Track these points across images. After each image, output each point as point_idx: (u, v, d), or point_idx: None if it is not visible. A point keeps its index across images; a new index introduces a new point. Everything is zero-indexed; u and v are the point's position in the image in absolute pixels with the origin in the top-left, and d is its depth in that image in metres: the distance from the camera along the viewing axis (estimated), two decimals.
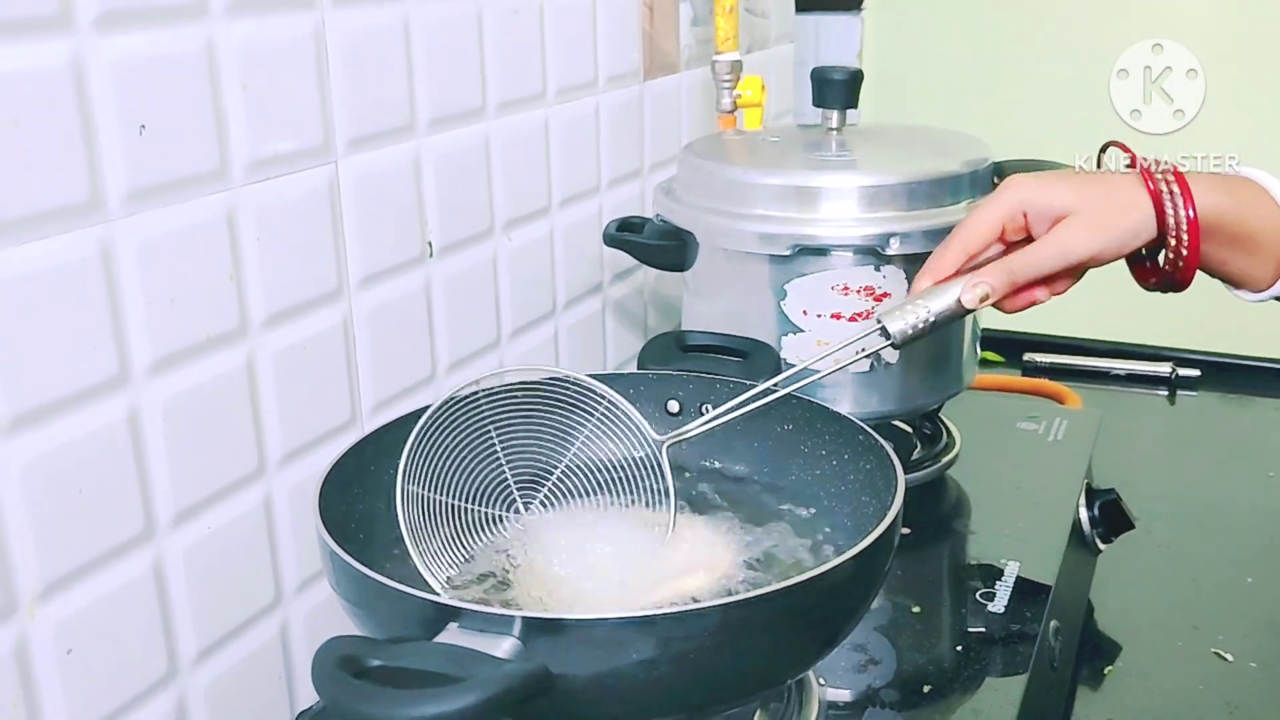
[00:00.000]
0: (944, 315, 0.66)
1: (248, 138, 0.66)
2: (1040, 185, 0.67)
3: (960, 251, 0.68)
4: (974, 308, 0.66)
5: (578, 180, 1.00)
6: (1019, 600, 0.77)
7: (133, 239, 0.60)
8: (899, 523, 0.58)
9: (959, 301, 0.66)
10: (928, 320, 0.66)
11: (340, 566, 0.55)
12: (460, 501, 0.65)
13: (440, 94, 0.82)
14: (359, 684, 0.45)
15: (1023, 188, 0.67)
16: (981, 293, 0.66)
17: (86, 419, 0.59)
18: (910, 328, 0.66)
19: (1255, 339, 1.32)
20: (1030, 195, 0.67)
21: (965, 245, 0.68)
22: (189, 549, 0.66)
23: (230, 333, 0.67)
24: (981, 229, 0.68)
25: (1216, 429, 1.22)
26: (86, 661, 0.60)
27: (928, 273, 0.68)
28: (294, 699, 0.75)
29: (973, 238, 0.68)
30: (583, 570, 0.62)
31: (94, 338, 0.59)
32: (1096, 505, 0.92)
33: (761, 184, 0.86)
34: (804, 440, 0.72)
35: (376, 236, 0.77)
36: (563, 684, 0.49)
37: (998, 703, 0.68)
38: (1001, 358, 1.32)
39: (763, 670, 0.55)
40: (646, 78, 1.09)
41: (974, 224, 0.68)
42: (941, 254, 0.68)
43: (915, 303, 0.66)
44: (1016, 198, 0.67)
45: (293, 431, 0.72)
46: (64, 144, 0.56)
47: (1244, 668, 0.82)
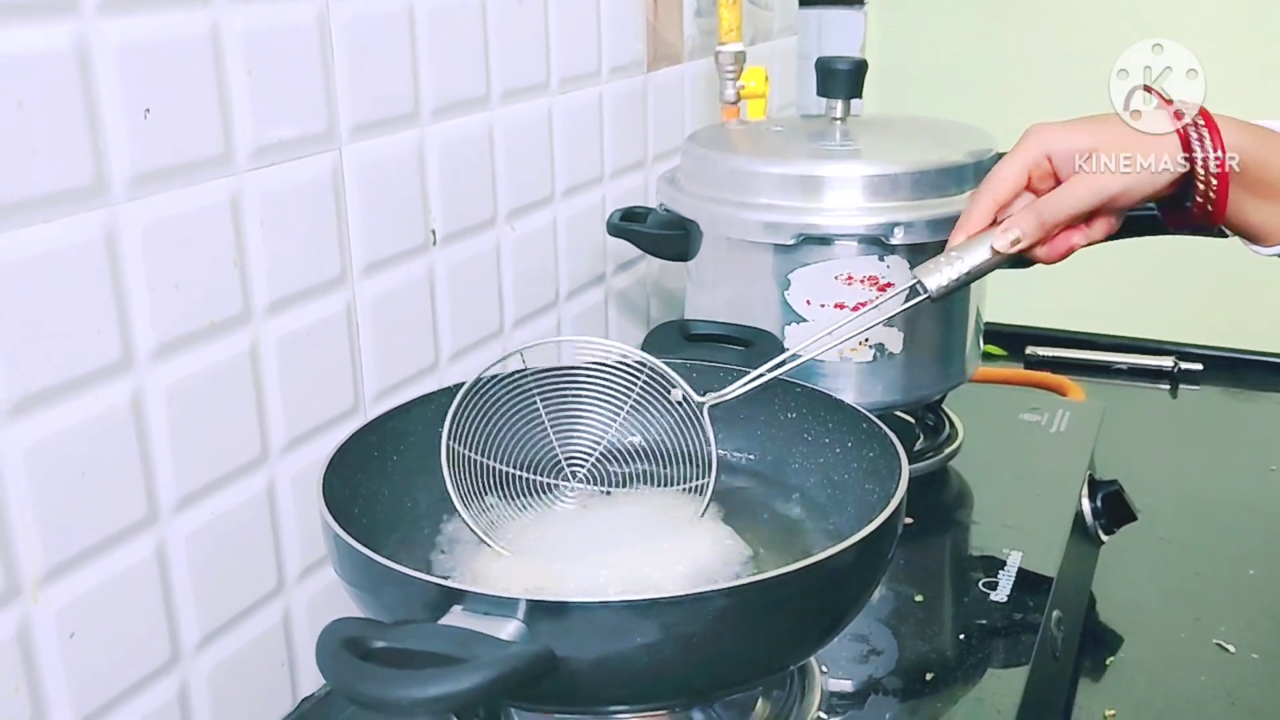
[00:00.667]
0: (979, 266, 0.67)
1: (252, 123, 0.66)
2: (1062, 129, 0.68)
3: (991, 202, 0.68)
4: (1007, 252, 0.67)
5: (581, 170, 1.00)
6: (1021, 590, 0.77)
7: (137, 223, 0.60)
8: (903, 509, 0.58)
9: (992, 249, 0.67)
10: (964, 273, 0.67)
11: (344, 550, 0.55)
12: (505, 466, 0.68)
13: (444, 82, 0.82)
14: (363, 665, 0.45)
15: (1044, 133, 0.68)
16: (1012, 236, 0.66)
17: (90, 403, 0.59)
18: (948, 280, 0.67)
19: (1258, 333, 1.32)
20: (1052, 139, 0.67)
21: (995, 196, 0.68)
22: (192, 534, 0.66)
23: (234, 318, 0.67)
24: (1008, 178, 0.68)
25: (1219, 423, 1.22)
26: (89, 646, 0.60)
27: (961, 228, 0.69)
28: (296, 685, 0.75)
29: (1001, 187, 0.68)
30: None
31: (98, 322, 0.59)
32: (1099, 496, 0.92)
33: (765, 173, 0.86)
34: (807, 428, 0.72)
35: (380, 224, 0.77)
36: (566, 666, 0.49)
37: (1000, 691, 0.68)
38: (1004, 351, 1.32)
39: (765, 655, 0.55)
40: (650, 68, 1.09)
41: (1000, 174, 0.68)
42: (972, 208, 0.69)
43: (951, 256, 0.67)
44: (1038, 144, 0.68)
45: (296, 418, 0.72)
46: (68, 127, 0.56)
47: (1245, 659, 0.82)
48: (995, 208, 0.68)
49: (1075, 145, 0.67)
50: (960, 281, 0.67)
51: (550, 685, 0.49)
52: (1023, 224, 0.67)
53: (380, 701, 0.44)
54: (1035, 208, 0.67)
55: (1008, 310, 1.24)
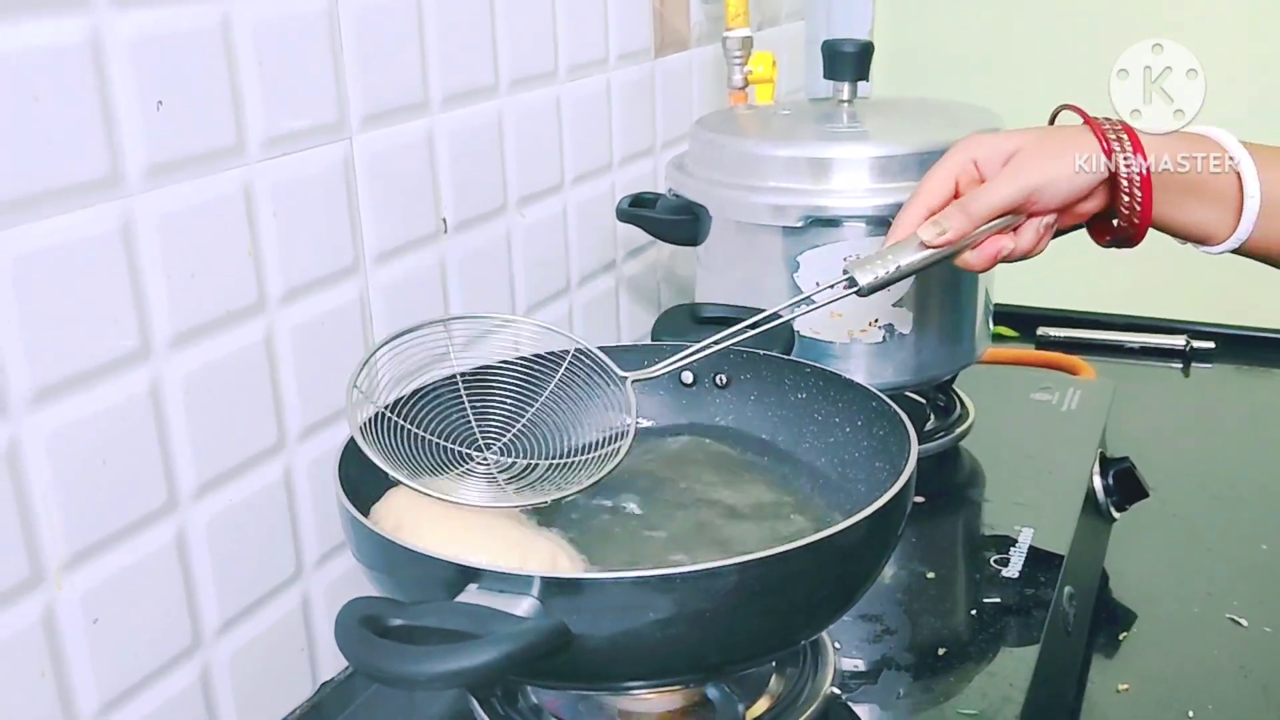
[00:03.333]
0: (910, 264, 0.70)
1: (263, 114, 0.67)
2: (989, 136, 0.72)
3: (922, 208, 0.71)
4: (934, 244, 0.69)
5: (590, 157, 1.01)
6: (1033, 566, 0.78)
7: (152, 214, 0.61)
8: (912, 484, 0.58)
9: (921, 243, 0.69)
10: (892, 269, 0.69)
11: (361, 532, 0.56)
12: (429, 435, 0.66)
13: (453, 71, 0.82)
14: (380, 641, 0.46)
15: (971, 141, 0.72)
16: (938, 230, 0.69)
17: (109, 392, 0.60)
18: (877, 279, 0.69)
19: (1271, 311, 1.32)
20: (978, 145, 0.71)
21: (925, 201, 0.71)
22: (211, 521, 0.67)
23: (249, 307, 0.68)
24: (936, 183, 0.71)
25: (1231, 400, 1.22)
26: (112, 631, 0.61)
27: (892, 233, 0.71)
28: (316, 670, 0.76)
29: (930, 193, 0.71)
30: None
31: (115, 312, 0.60)
32: (1110, 474, 0.92)
33: (773, 156, 0.86)
34: (818, 408, 0.72)
35: (391, 213, 0.78)
36: (581, 643, 0.50)
37: (1012, 666, 0.69)
38: (1016, 333, 1.32)
39: (778, 630, 0.55)
40: (658, 55, 1.09)
41: (928, 181, 0.72)
42: (903, 213, 0.72)
43: (884, 256, 0.70)
44: (965, 150, 0.71)
45: (312, 405, 0.73)
46: (83, 120, 0.57)
47: (1258, 633, 0.82)
48: (926, 213, 0.71)
49: (1001, 147, 0.70)
50: (889, 278, 0.69)
51: (565, 661, 0.50)
52: (949, 218, 0.69)
53: (397, 677, 0.45)
54: (961, 202, 0.70)
55: (1019, 292, 1.24)
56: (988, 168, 0.70)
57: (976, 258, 0.71)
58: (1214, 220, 0.70)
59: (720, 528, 0.65)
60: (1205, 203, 0.69)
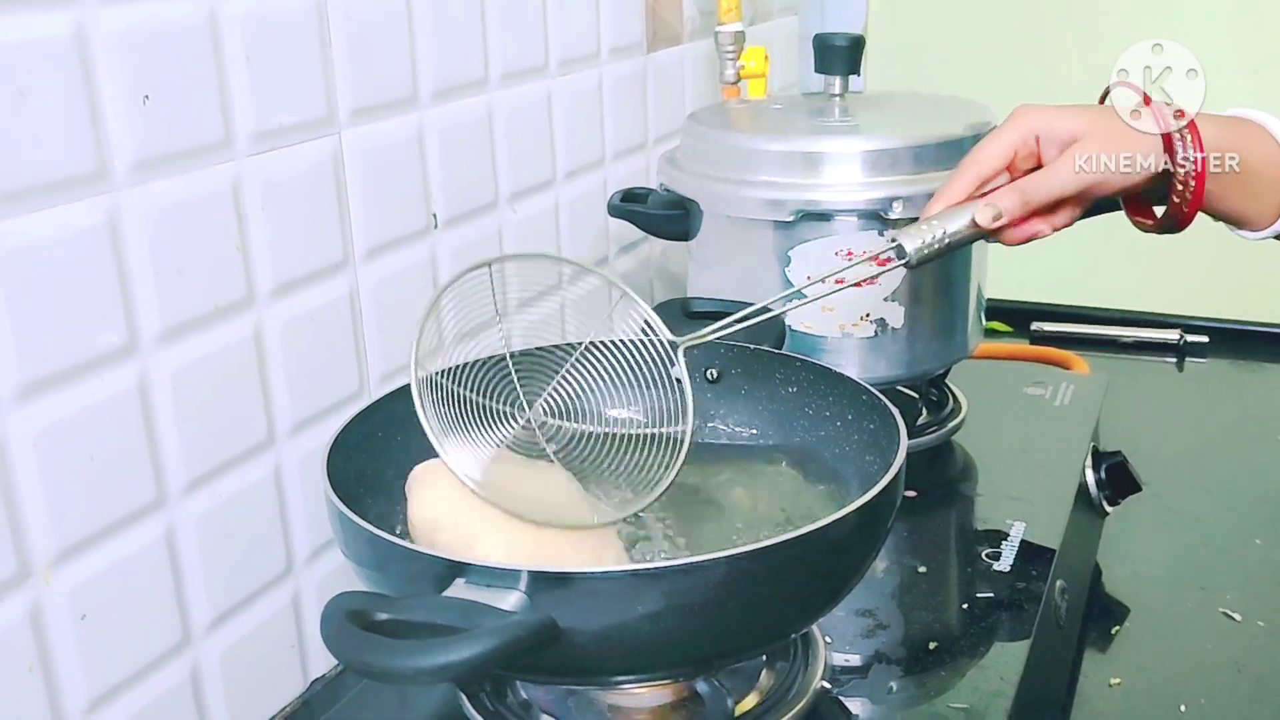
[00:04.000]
0: (958, 236, 0.67)
1: (252, 109, 0.67)
2: (1051, 112, 0.69)
3: (974, 176, 0.69)
4: (988, 228, 0.67)
5: (582, 153, 1.01)
6: (1025, 560, 0.77)
7: (139, 209, 0.61)
8: (902, 476, 0.58)
9: (973, 221, 0.67)
10: (943, 240, 0.67)
11: (349, 528, 0.56)
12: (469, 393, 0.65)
13: (442, 66, 0.82)
14: (367, 635, 0.46)
15: (1034, 114, 0.69)
16: (994, 212, 0.67)
17: (97, 387, 0.59)
18: (926, 246, 0.67)
19: (1265, 305, 1.32)
20: (1041, 121, 0.68)
21: (979, 170, 0.69)
22: (200, 517, 0.67)
23: (237, 303, 0.67)
24: (995, 153, 0.69)
25: (1225, 394, 1.22)
26: (101, 627, 0.61)
27: (940, 197, 0.69)
28: (307, 667, 0.76)
29: (986, 162, 0.69)
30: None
31: (103, 307, 0.59)
32: (1103, 468, 0.92)
33: (765, 150, 0.86)
34: (808, 402, 0.72)
35: (381, 208, 0.78)
36: (569, 637, 0.49)
37: (1004, 660, 0.68)
38: (1009, 328, 1.32)
39: (768, 623, 0.55)
40: (650, 49, 1.09)
41: (987, 149, 0.69)
42: (954, 179, 0.69)
43: (931, 223, 0.67)
44: (1028, 123, 0.68)
45: (301, 402, 0.73)
46: (69, 114, 0.57)
47: (1252, 627, 0.82)
48: (978, 181, 0.69)
49: (1064, 129, 0.68)
50: (938, 249, 0.67)
51: (553, 655, 0.50)
52: (1007, 200, 0.67)
53: (383, 671, 0.45)
54: (1020, 186, 0.68)
55: (1013, 287, 1.24)
56: (1047, 149, 0.68)
57: (1011, 235, 0.69)
58: (1258, 208, 0.69)
59: (710, 521, 0.65)
60: (1252, 191, 0.68)
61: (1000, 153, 0.68)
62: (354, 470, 0.64)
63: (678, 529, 0.67)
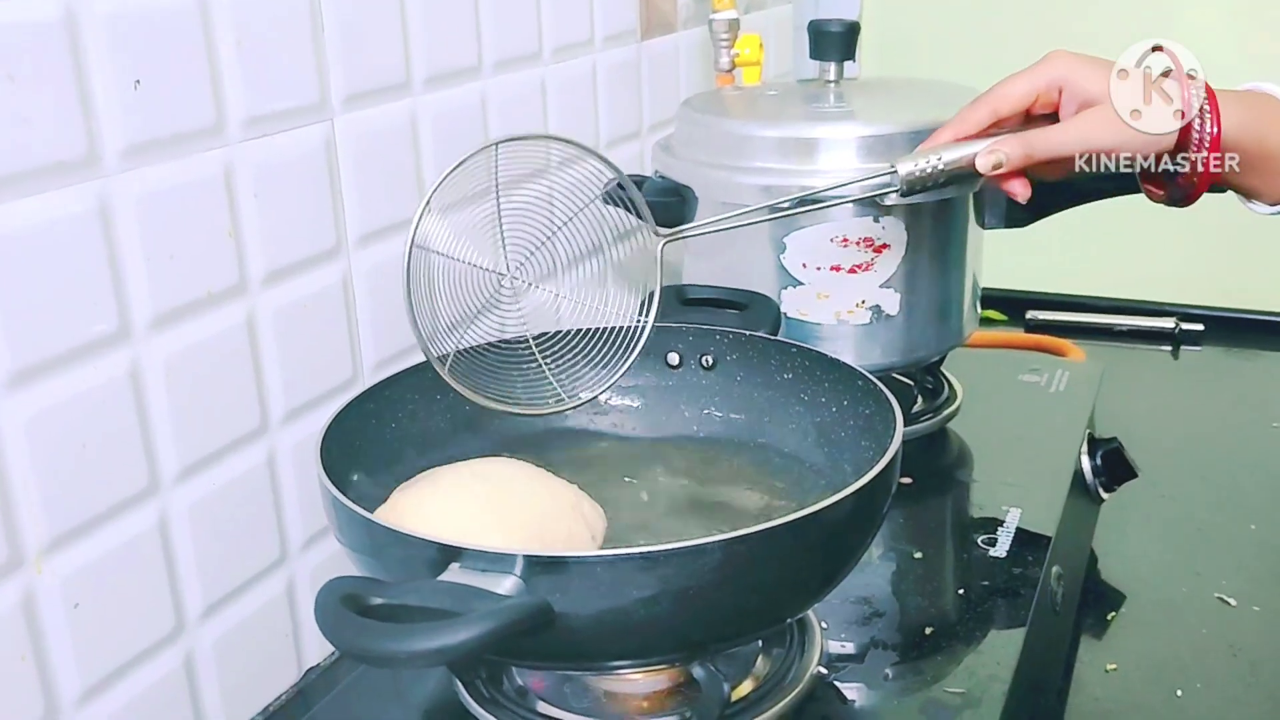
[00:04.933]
0: (955, 168, 0.67)
1: (243, 95, 0.66)
2: (1081, 66, 0.67)
3: (989, 112, 0.68)
4: (986, 173, 0.67)
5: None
6: (1021, 547, 0.77)
7: (130, 194, 0.60)
8: (898, 461, 0.58)
9: (973, 160, 0.66)
10: (938, 168, 0.66)
11: (344, 513, 0.56)
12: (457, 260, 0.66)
13: (436, 52, 0.81)
14: (360, 619, 0.46)
15: (1065, 62, 0.67)
16: (996, 160, 0.66)
17: (89, 374, 0.59)
18: (920, 172, 0.66)
19: (1260, 294, 1.32)
20: (1069, 72, 0.67)
21: (996, 107, 0.68)
22: (193, 505, 0.66)
23: (230, 289, 0.67)
24: (1015, 94, 0.68)
25: (1220, 382, 1.22)
26: (94, 615, 0.61)
27: (950, 127, 0.68)
28: (301, 655, 0.76)
29: (1005, 100, 0.68)
30: None
31: (94, 293, 0.59)
32: (1099, 454, 0.92)
33: (760, 136, 0.86)
34: (803, 388, 0.72)
35: (374, 195, 0.77)
36: (565, 621, 0.49)
37: (1000, 645, 0.68)
38: (1005, 317, 1.32)
39: (763, 608, 0.55)
40: (644, 37, 1.09)
41: (1009, 88, 0.68)
42: (968, 111, 0.68)
43: (930, 152, 0.67)
44: (1056, 71, 0.67)
45: (295, 389, 0.72)
46: (59, 99, 0.56)
47: (1247, 612, 0.82)
48: (993, 119, 0.68)
49: (1088, 89, 0.66)
50: (932, 179, 0.66)
51: (549, 640, 0.49)
52: (1009, 149, 0.66)
53: (378, 654, 0.45)
54: (1027, 138, 0.67)
55: (1008, 275, 1.24)
56: (1067, 104, 0.67)
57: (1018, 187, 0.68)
58: (1270, 181, 0.68)
59: (705, 508, 0.65)
60: (1265, 168, 0.68)
61: (1021, 95, 0.67)
62: (348, 456, 0.64)
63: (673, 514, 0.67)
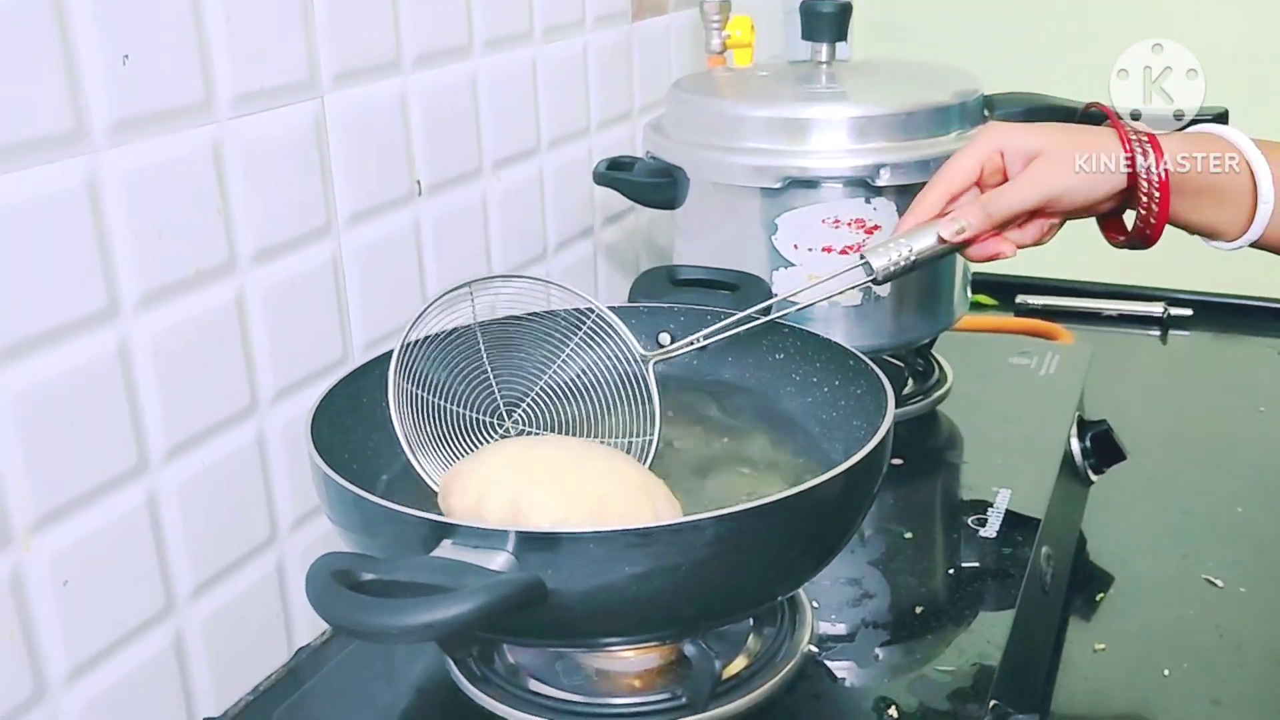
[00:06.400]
0: (925, 253, 0.69)
1: (232, 71, 0.66)
2: (1016, 128, 0.71)
3: (942, 192, 0.71)
4: (952, 241, 0.69)
5: (566, 121, 1.00)
6: (1011, 527, 0.78)
7: (118, 170, 0.60)
8: (889, 439, 0.58)
9: (939, 236, 0.69)
10: (909, 258, 0.69)
11: (334, 490, 0.55)
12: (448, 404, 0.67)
13: (426, 31, 0.81)
14: (352, 594, 0.45)
15: (998, 131, 0.71)
16: (958, 227, 0.69)
17: (76, 351, 0.59)
18: (892, 264, 0.69)
19: (1248, 280, 1.32)
20: (1006, 136, 0.70)
21: (947, 186, 0.71)
22: (183, 484, 0.66)
23: (219, 267, 0.67)
24: (961, 169, 0.71)
25: (1208, 366, 1.23)
26: (83, 594, 0.60)
27: (911, 214, 0.71)
28: (292, 636, 0.76)
29: (954, 178, 0.71)
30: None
31: (81, 270, 0.59)
32: (1088, 436, 0.92)
33: (751, 116, 0.86)
34: (795, 369, 0.72)
35: (364, 174, 0.77)
36: (557, 598, 0.49)
37: (990, 625, 0.69)
38: (994, 301, 1.32)
39: (755, 585, 0.55)
40: (635, 18, 1.08)
41: (953, 166, 0.71)
42: (923, 197, 0.71)
43: (898, 241, 0.69)
44: (993, 140, 0.70)
45: (284, 368, 0.72)
46: (46, 73, 0.56)
47: (1234, 593, 0.83)
48: (947, 198, 0.71)
49: (1028, 144, 0.70)
50: (905, 266, 0.69)
51: (541, 616, 0.49)
52: (970, 215, 0.69)
53: (368, 629, 0.44)
54: (982, 201, 0.70)
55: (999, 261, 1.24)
56: (1012, 164, 0.70)
57: (976, 252, 0.71)
58: (1227, 220, 0.69)
59: (697, 486, 0.65)
60: (1219, 203, 0.69)
61: (967, 169, 0.71)
62: (338, 434, 0.63)
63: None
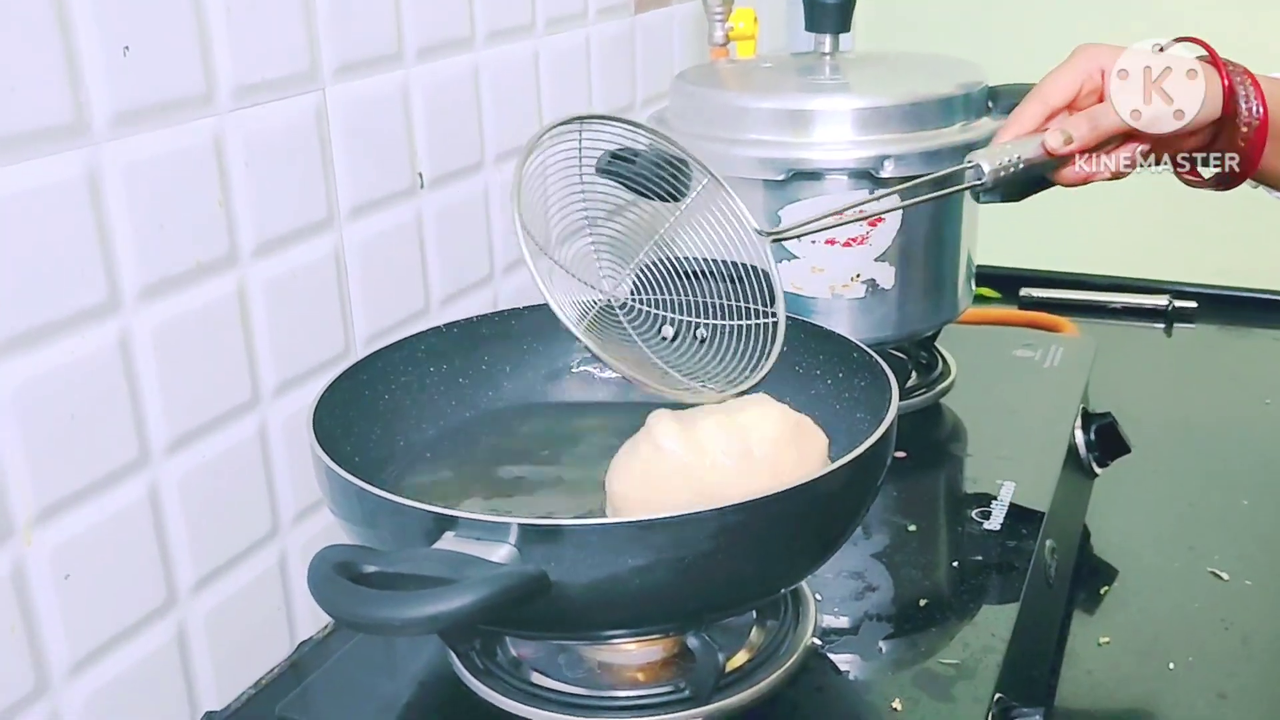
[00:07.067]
0: (1031, 160, 0.69)
1: (232, 62, 0.65)
2: (1117, 50, 0.70)
3: (1041, 106, 0.70)
4: (1059, 152, 0.69)
5: (569, 113, 0.99)
6: (1015, 520, 0.77)
7: (119, 162, 0.60)
8: (893, 432, 0.58)
9: (1044, 144, 0.69)
10: (1017, 162, 0.69)
11: (337, 483, 0.55)
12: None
13: (428, 23, 0.81)
14: (354, 586, 0.45)
15: (1100, 50, 0.70)
16: (1065, 136, 0.69)
17: (77, 344, 0.59)
18: (1001, 168, 0.68)
19: (1253, 272, 1.32)
20: (1108, 56, 0.70)
21: (1046, 100, 0.70)
22: (184, 477, 0.66)
23: (220, 260, 0.66)
24: (1060, 86, 0.70)
25: (1213, 359, 1.22)
26: (85, 587, 0.60)
27: (1009, 127, 0.71)
28: (294, 629, 0.75)
29: (1052, 94, 0.70)
30: None
31: (82, 262, 0.59)
32: (1092, 429, 0.92)
33: (755, 109, 0.85)
34: (799, 361, 0.72)
35: (366, 166, 0.77)
36: (559, 590, 0.49)
37: (994, 618, 0.68)
38: (999, 294, 1.32)
39: (759, 577, 0.55)
40: (638, 10, 1.08)
41: (1052, 82, 0.71)
42: (1023, 109, 0.71)
43: (1004, 147, 0.69)
44: (1094, 59, 0.70)
45: (286, 361, 0.72)
46: (46, 63, 0.55)
47: (1239, 586, 0.83)
48: (1046, 112, 0.70)
49: None
50: (1013, 171, 0.68)
51: (544, 609, 0.49)
52: (1077, 126, 0.69)
53: (371, 622, 0.44)
54: (1090, 114, 0.69)
55: (1002, 253, 1.24)
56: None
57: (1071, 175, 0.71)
58: None
59: None
60: None
61: (1065, 86, 0.70)
62: (340, 427, 0.63)
63: None
